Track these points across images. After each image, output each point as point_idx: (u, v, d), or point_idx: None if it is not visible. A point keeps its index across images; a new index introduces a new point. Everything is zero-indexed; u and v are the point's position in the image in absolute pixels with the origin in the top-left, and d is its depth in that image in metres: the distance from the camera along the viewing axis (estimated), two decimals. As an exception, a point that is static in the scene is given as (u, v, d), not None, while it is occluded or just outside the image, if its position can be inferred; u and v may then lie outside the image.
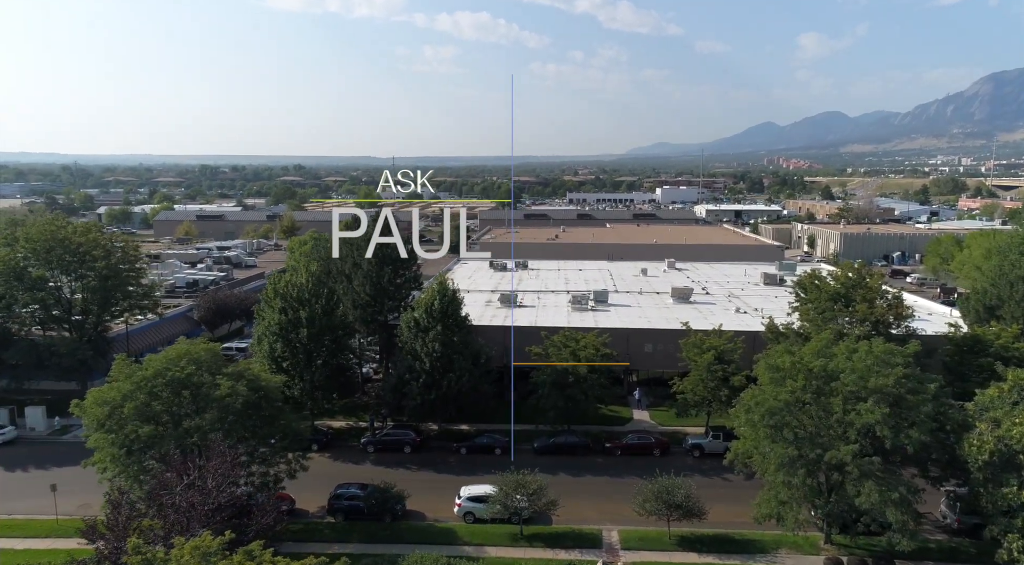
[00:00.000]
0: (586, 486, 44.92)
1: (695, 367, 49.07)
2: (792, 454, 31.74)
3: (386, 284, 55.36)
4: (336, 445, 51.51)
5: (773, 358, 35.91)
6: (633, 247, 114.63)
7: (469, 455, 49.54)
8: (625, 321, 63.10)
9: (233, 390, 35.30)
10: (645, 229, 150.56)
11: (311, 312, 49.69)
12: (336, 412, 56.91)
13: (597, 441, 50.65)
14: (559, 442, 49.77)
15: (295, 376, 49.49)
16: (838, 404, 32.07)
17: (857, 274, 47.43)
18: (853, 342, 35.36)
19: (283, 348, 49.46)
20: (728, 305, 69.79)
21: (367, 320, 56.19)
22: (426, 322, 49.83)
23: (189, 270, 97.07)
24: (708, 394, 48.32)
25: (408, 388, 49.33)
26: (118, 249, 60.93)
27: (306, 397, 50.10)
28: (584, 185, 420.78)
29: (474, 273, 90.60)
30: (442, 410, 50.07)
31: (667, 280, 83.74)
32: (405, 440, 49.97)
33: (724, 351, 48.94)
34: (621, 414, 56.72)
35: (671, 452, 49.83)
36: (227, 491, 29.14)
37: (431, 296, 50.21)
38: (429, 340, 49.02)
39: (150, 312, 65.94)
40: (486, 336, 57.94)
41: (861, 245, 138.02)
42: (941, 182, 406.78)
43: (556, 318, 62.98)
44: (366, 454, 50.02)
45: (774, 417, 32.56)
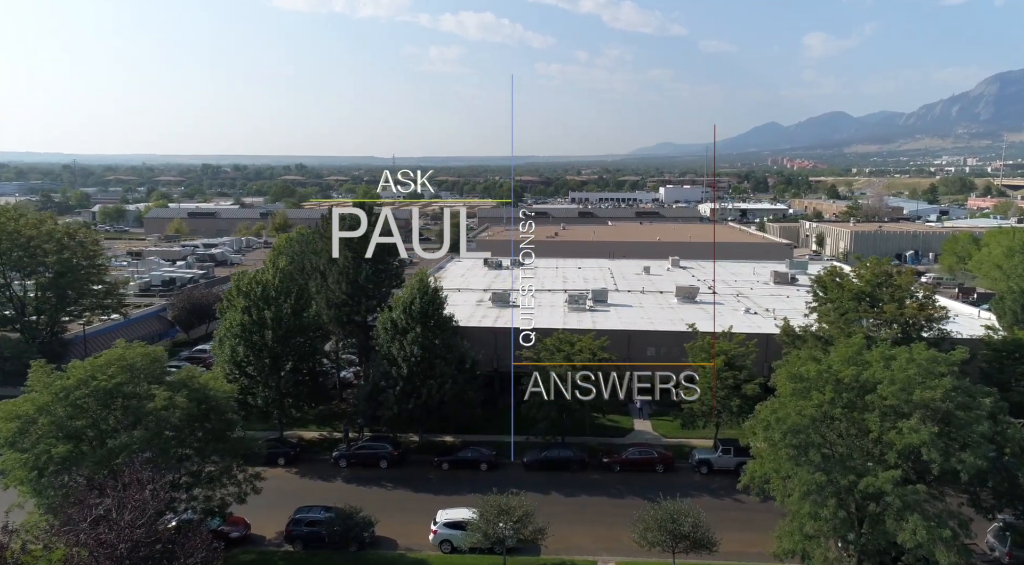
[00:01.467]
0: (581, 508, 40.02)
1: (700, 372, 44.20)
2: (820, 480, 26.79)
3: (363, 281, 50.49)
4: (306, 459, 46.68)
5: (795, 365, 30.96)
6: (635, 245, 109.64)
7: (452, 471, 44.71)
8: (626, 322, 58.23)
9: (171, 402, 30.51)
10: (648, 227, 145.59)
11: (277, 312, 44.91)
12: (309, 421, 52.12)
13: (594, 455, 45.79)
14: (551, 456, 44.91)
15: (260, 382, 44.74)
16: (874, 421, 27.15)
17: (883, 270, 42.56)
18: (886, 347, 30.43)
19: (246, 351, 44.70)
20: (737, 305, 64.84)
21: (343, 321, 51.36)
22: (404, 323, 45.00)
23: (167, 267, 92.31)
24: (717, 404, 43.46)
25: (384, 396, 44.52)
26: (75, 243, 56.15)
27: (272, 406, 45.31)
28: (587, 185, 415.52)
29: (467, 271, 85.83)
30: (422, 421, 45.28)
31: (671, 278, 78.83)
32: (381, 454, 45.13)
33: (735, 356, 44.05)
34: (621, 424, 51.81)
35: (676, 468, 44.93)
36: (145, 525, 24.26)
37: (410, 294, 45.36)
38: (407, 343, 44.19)
39: (114, 312, 61.26)
40: (475, 338, 53.23)
41: (873, 243, 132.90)
42: (949, 181, 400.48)
43: (551, 319, 58.13)
44: (338, 469, 45.20)
45: (798, 436, 27.64)
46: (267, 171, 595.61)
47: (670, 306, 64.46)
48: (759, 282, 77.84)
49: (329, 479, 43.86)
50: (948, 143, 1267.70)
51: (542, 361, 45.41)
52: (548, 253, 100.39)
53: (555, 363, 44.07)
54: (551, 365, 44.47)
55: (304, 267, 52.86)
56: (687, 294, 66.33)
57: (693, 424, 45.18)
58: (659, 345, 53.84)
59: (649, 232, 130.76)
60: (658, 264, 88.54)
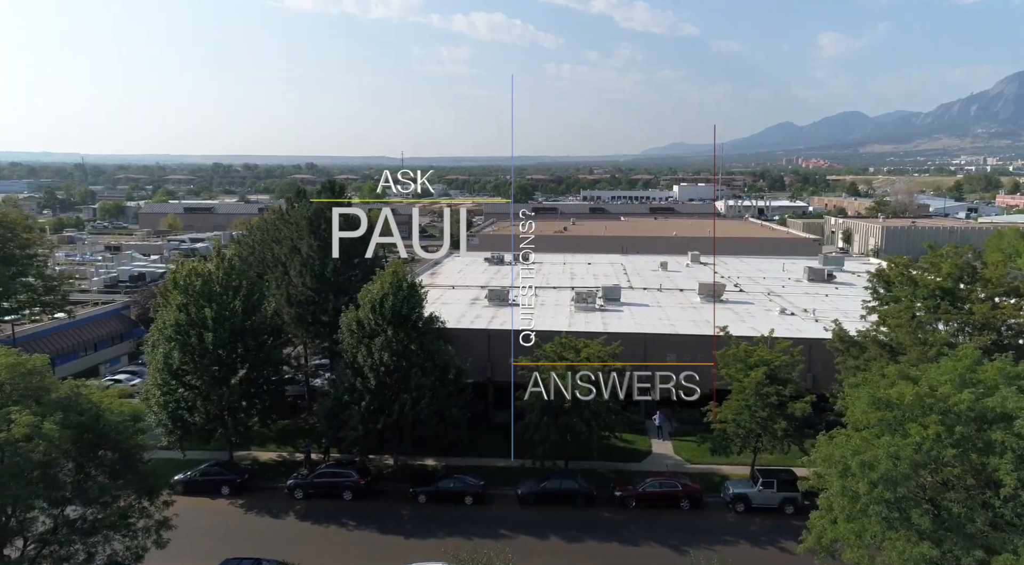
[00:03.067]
0: (587, 557, 31.91)
1: (738, 388, 36.00)
2: (930, 555, 18.62)
3: (331, 274, 42.58)
4: (256, 486, 38.80)
5: (880, 386, 22.70)
6: (651, 240, 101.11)
7: (431, 504, 36.72)
8: (641, 323, 50.05)
9: (34, 431, 22.71)
10: (663, 222, 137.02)
11: (221, 310, 37.07)
12: (270, 439, 44.33)
13: (604, 485, 37.61)
14: (551, 488, 36.75)
15: (199, 395, 36.92)
16: (1006, 469, 18.91)
17: (965, 262, 34.17)
18: (1007, 362, 22.13)
19: (183, 357, 36.94)
20: (769, 305, 56.46)
21: (307, 321, 43.49)
22: (373, 324, 37.02)
23: (140, 262, 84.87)
24: (757, 426, 35.22)
25: (347, 414, 36.58)
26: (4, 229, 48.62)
27: (215, 423, 37.45)
28: (599, 183, 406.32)
29: (465, 267, 77.90)
30: (393, 443, 37.34)
31: (691, 275, 70.45)
32: (345, 483, 37.18)
33: (779, 367, 35.77)
34: (636, 446, 43.59)
35: (704, 503, 36.67)
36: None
37: (380, 289, 37.31)
38: (376, 348, 36.20)
39: (58, 310, 53.75)
40: (465, 342, 45.34)
41: (906, 239, 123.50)
42: (974, 179, 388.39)
43: (555, 320, 50.02)
44: (293, 501, 37.32)
45: (895, 489, 19.45)
46: (278, 170, 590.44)
47: (692, 306, 56.17)
48: (791, 279, 69.34)
49: (280, 514, 35.94)
50: (967, 143, 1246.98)
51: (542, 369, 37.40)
52: (556, 249, 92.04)
53: (554, 363, 35.96)
54: (551, 367, 36.42)
55: (264, 258, 45.07)
56: (712, 292, 57.93)
57: (726, 451, 36.91)
58: (681, 351, 45.42)
59: (665, 227, 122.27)
60: (676, 260, 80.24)
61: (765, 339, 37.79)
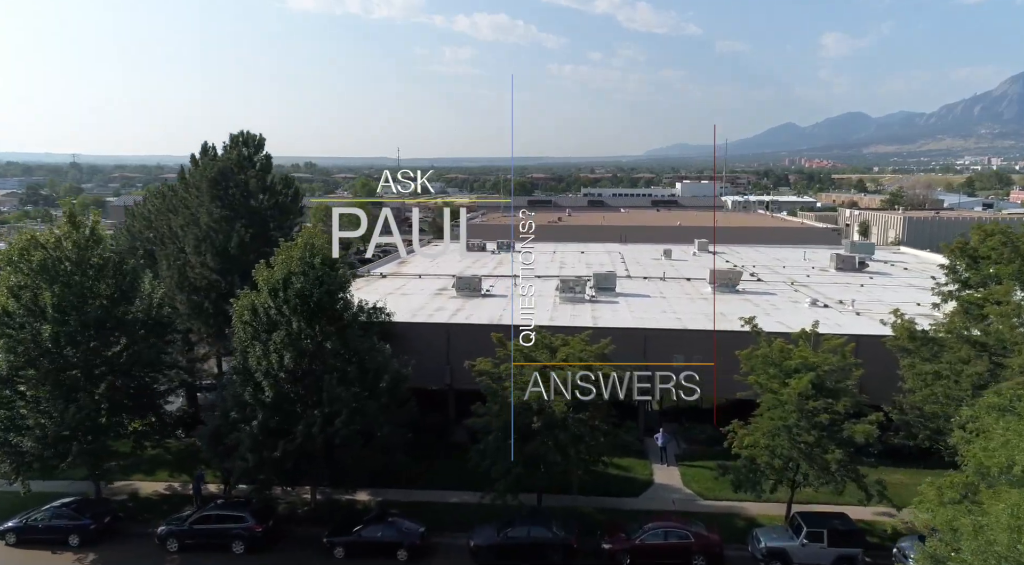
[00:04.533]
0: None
1: (772, 401, 26.14)
2: None
3: (236, 249, 32.73)
4: (123, 532, 29.03)
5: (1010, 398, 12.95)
6: (652, 229, 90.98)
7: (352, 559, 26.92)
8: (640, 317, 40.29)
9: None
10: (666, 214, 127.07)
11: (67, 293, 27.29)
12: (162, 465, 34.56)
13: (589, 531, 27.79)
14: (516, 538, 26.78)
15: (37, 411, 27.13)
16: None
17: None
18: None
19: (14, 359, 27.17)
20: (795, 295, 46.68)
21: (208, 311, 33.67)
22: (274, 314, 27.18)
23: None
24: (799, 454, 25.36)
25: (236, 436, 26.74)
26: None
27: (56, 446, 27.51)
28: (600, 182, 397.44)
29: (439, 255, 68.22)
30: (306, 473, 27.55)
31: (700, 264, 60.70)
32: (235, 531, 27.35)
33: (828, 372, 25.87)
34: (633, 473, 33.68)
35: (725, 558, 26.79)
36: None
37: (284, 267, 27.38)
38: (275, 347, 26.37)
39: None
40: (419, 340, 35.97)
41: (929, 231, 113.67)
42: (984, 177, 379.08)
43: (534, 313, 40.11)
44: (164, 553, 27.51)
45: None
46: (277, 169, 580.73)
47: (702, 296, 46.34)
48: (815, 269, 59.53)
49: (142, 575, 26.16)
50: (971, 143, 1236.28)
51: (503, 376, 27.65)
52: (548, 239, 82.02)
53: (523, 364, 26.24)
54: (518, 369, 26.66)
55: (157, 230, 35.31)
56: (727, 280, 48.14)
57: (753, 486, 26.91)
58: (691, 350, 35.34)
59: (667, 218, 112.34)
60: (682, 249, 70.44)
61: (807, 335, 27.86)
